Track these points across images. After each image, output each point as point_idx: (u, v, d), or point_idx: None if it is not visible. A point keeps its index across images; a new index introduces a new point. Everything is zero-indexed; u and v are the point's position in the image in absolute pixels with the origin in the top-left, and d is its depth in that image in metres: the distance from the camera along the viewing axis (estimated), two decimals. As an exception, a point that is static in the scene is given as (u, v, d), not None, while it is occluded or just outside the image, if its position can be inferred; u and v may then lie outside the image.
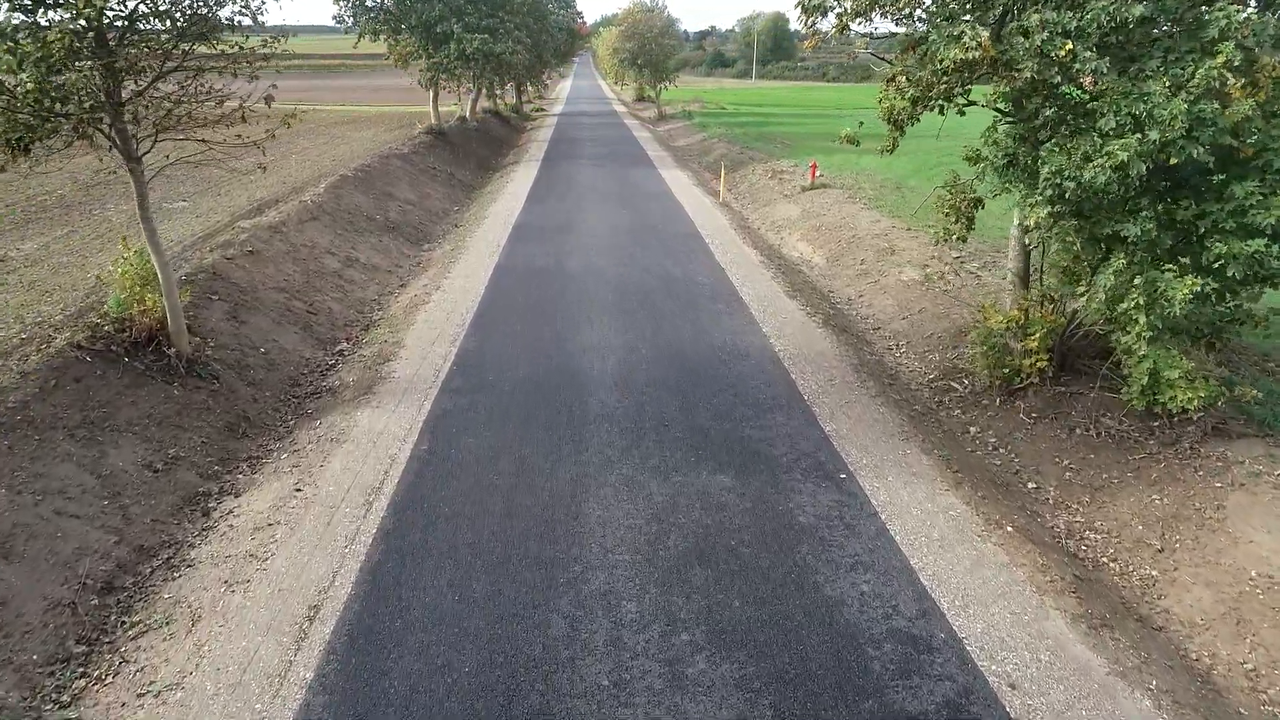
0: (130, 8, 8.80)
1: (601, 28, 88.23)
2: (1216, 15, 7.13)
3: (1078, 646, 5.84)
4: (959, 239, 11.01)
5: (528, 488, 7.75)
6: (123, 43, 8.76)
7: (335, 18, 29.79)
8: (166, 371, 9.59)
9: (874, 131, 10.44)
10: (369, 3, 30.37)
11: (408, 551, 6.78)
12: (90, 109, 8.09)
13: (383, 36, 31.06)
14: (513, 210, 21.58)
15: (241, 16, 9.47)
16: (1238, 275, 7.28)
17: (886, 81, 9.37)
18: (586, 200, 23.05)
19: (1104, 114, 7.62)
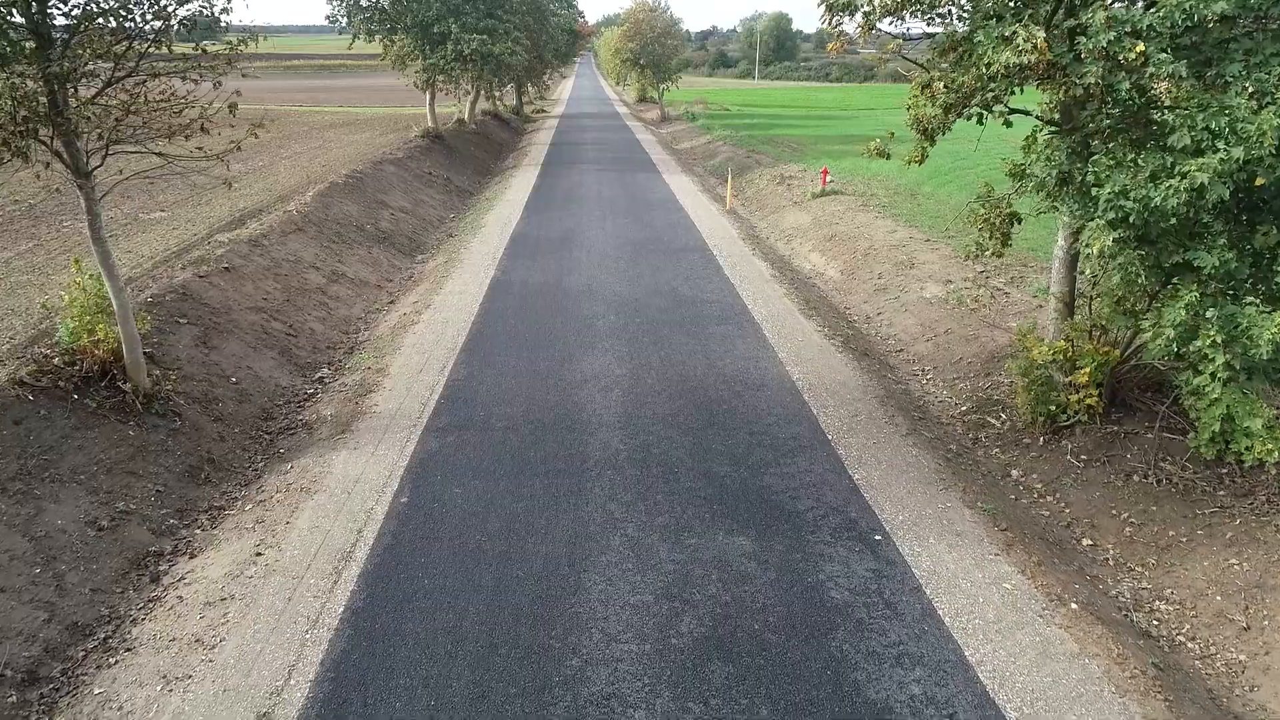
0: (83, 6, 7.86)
1: (603, 28, 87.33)
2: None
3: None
4: (993, 255, 10.12)
5: (520, 553, 6.79)
6: (68, 45, 7.81)
7: (328, 17, 28.84)
8: (121, 409, 8.65)
9: (900, 137, 9.47)
10: (363, 2, 29.43)
11: (378, 638, 5.83)
12: (23, 121, 7.12)
13: (378, 37, 30.14)
14: (510, 219, 20.63)
15: (202, 14, 8.47)
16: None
17: (922, 87, 8.40)
18: (588, 208, 22.10)
19: (1176, 127, 6.66)
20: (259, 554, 6.93)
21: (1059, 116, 8.05)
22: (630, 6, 55.35)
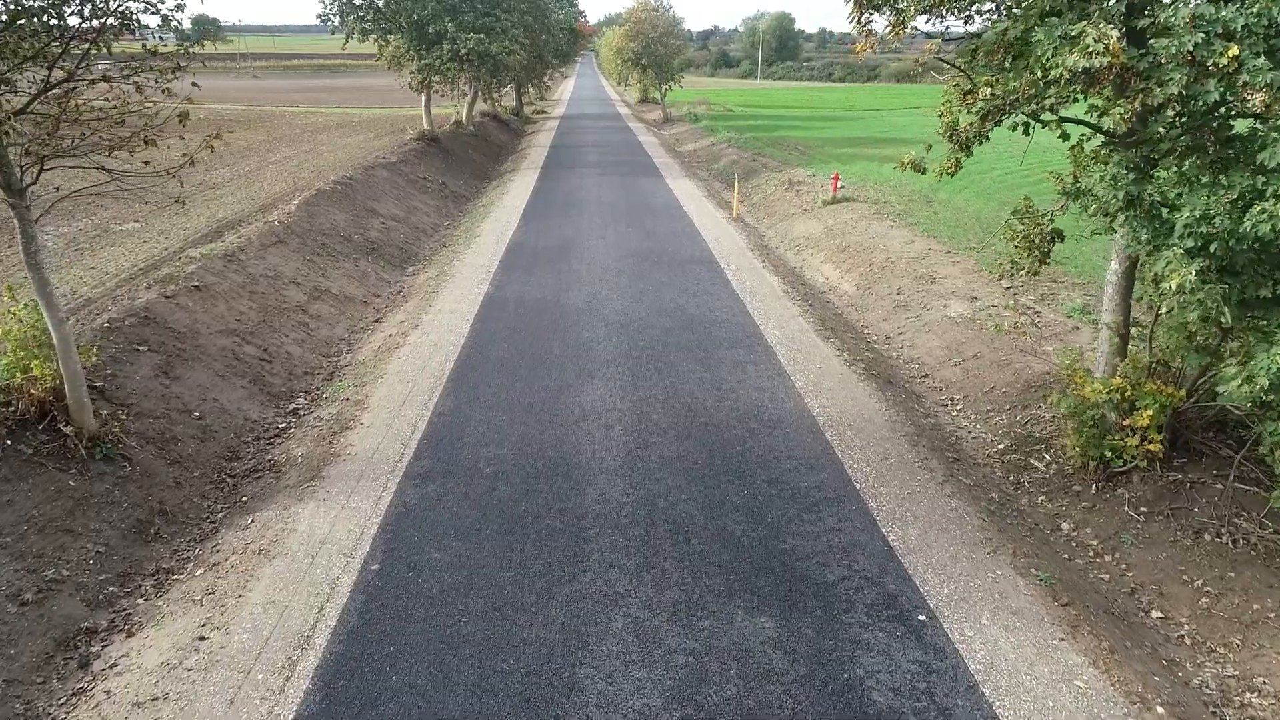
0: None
1: (605, 27, 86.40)
2: None
3: None
4: (1030, 274, 9.20)
5: (505, 639, 5.82)
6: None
7: (320, 17, 27.88)
8: (62, 456, 7.69)
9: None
10: (356, 1, 28.45)
11: (333, 758, 4.87)
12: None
13: (372, 37, 29.19)
14: (507, 227, 19.67)
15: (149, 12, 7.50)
16: None
17: (964, 93, 7.43)
18: (588, 215, 21.13)
19: (1270, 143, 5.69)
20: (203, 638, 5.96)
21: (1121, 128, 7.07)
22: (632, 6, 54.40)
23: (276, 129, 32.51)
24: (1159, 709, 5.35)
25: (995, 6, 7.20)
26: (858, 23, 7.99)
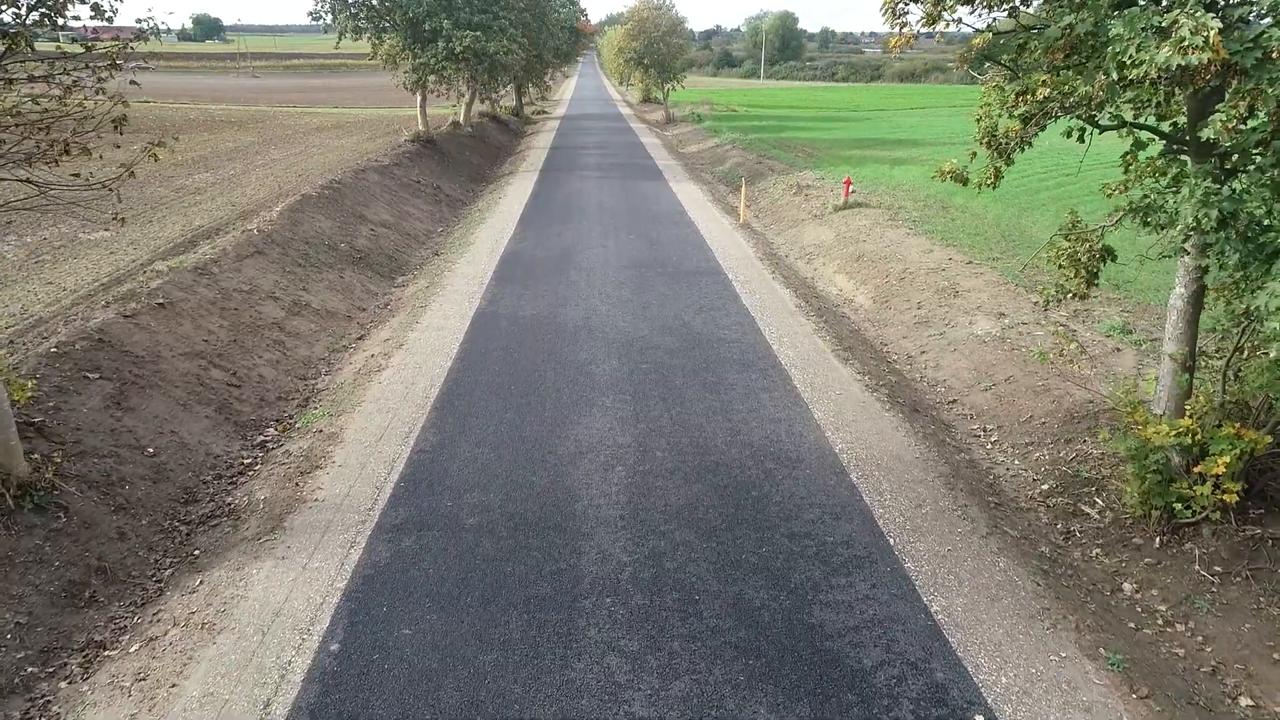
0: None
1: (606, 26, 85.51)
2: None
3: None
4: (1077, 298, 8.27)
5: (483, 749, 4.87)
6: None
7: (311, 14, 26.91)
8: (-16, 507, 6.75)
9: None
10: (349, -2, 27.51)
11: None
12: None
13: (366, 35, 28.23)
14: (503, 234, 18.72)
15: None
16: None
17: (1015, 95, 6.47)
18: (588, 222, 20.17)
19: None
20: (124, 743, 5.02)
21: (1224, 138, 6.09)
22: (634, 4, 53.45)
23: (268, 130, 31.58)
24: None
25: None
26: (892, 14, 7.03)
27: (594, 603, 6.13)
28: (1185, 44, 4.82)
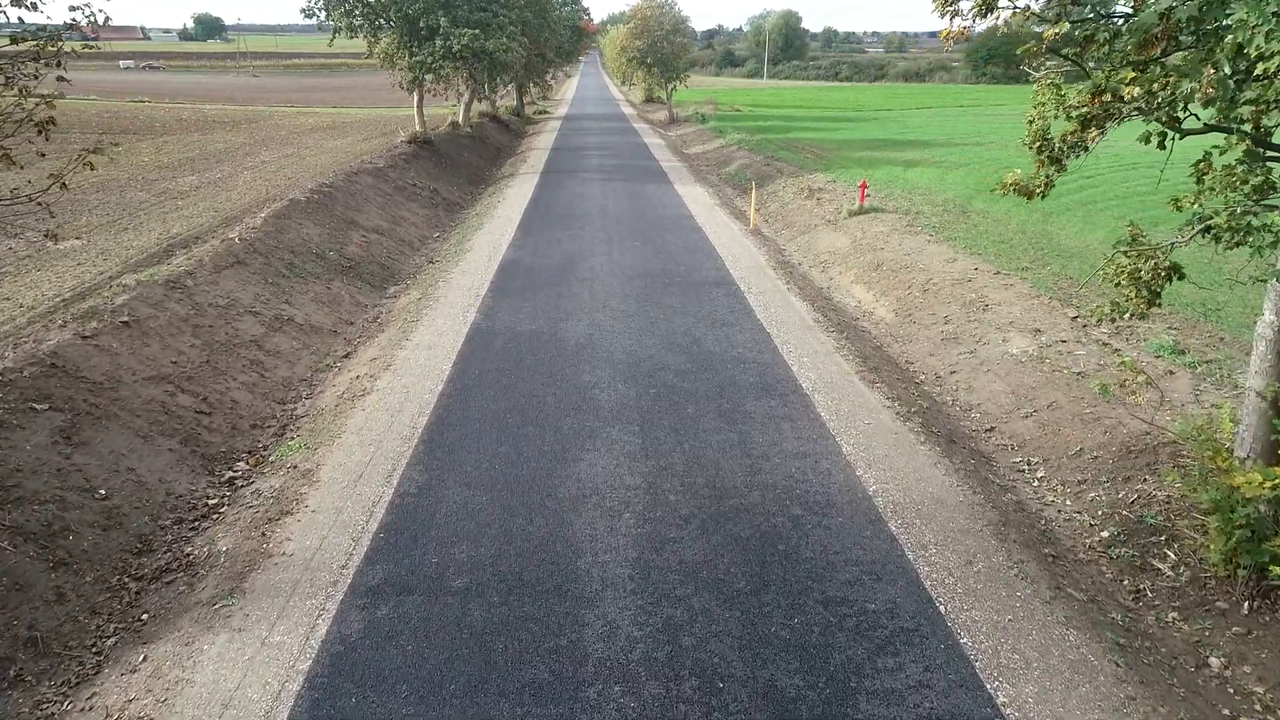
0: None
1: (609, 26, 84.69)
2: None
3: None
4: (1136, 318, 7.40)
5: None
6: None
7: (304, 11, 26.00)
8: (-105, 570, 5.84)
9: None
10: (343, -6, 26.61)
11: None
12: None
13: (361, 34, 27.34)
14: (501, 241, 17.81)
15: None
16: None
17: (1092, 95, 5.55)
18: (591, 228, 19.25)
19: None
20: None
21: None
22: (637, 2, 52.56)
23: (260, 130, 30.68)
24: None
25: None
26: (943, 4, 6.12)
27: (599, 691, 5.21)
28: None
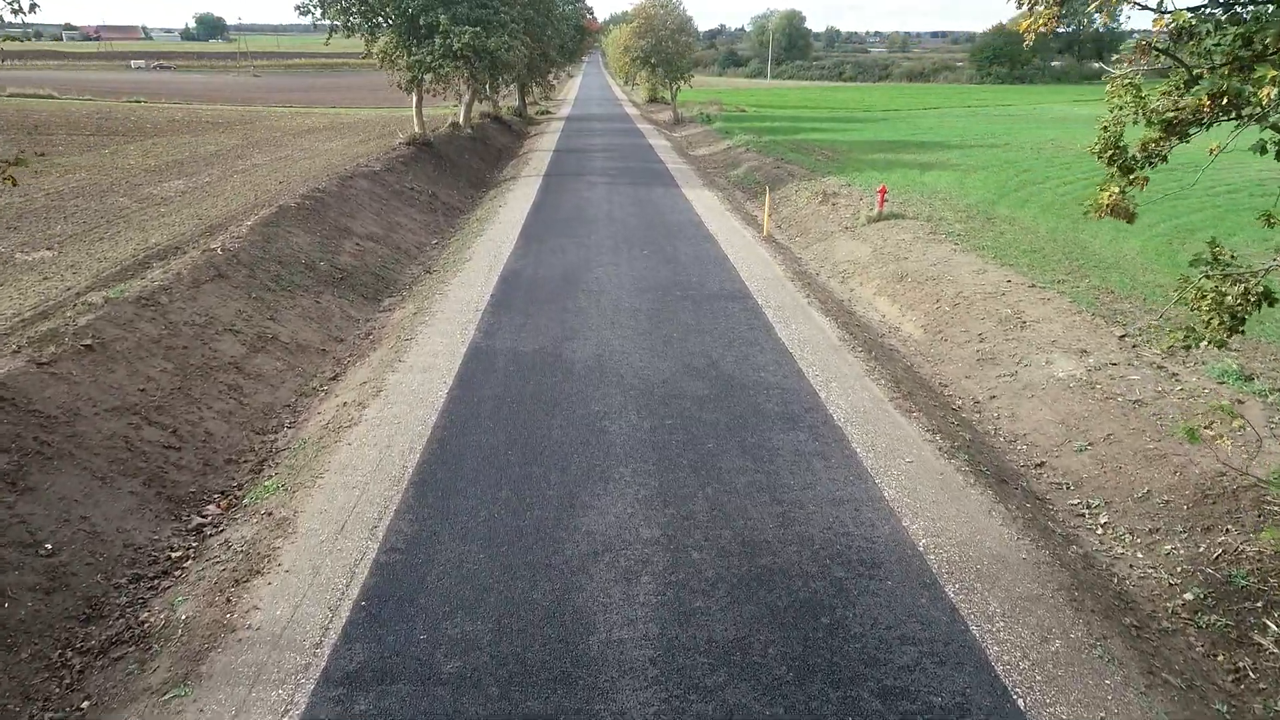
0: None
1: (612, 25, 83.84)
2: None
3: None
4: (1216, 345, 6.60)
5: None
6: None
7: (298, 8, 25.11)
8: None
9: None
10: (338, -9, 25.70)
11: None
12: None
13: (358, 32, 26.43)
14: (502, 249, 16.90)
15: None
16: None
17: (1210, 97, 4.64)
18: (597, 235, 18.35)
19: None
20: None
21: None
22: (641, 2, 51.66)
23: (255, 132, 29.80)
24: None
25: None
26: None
27: (619, 822, 4.30)
28: None
